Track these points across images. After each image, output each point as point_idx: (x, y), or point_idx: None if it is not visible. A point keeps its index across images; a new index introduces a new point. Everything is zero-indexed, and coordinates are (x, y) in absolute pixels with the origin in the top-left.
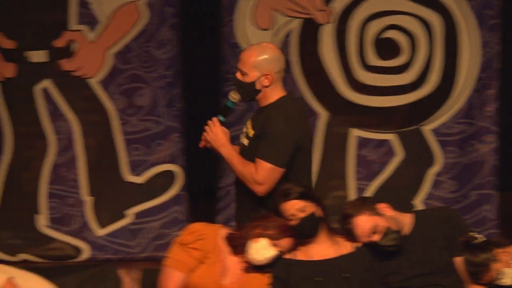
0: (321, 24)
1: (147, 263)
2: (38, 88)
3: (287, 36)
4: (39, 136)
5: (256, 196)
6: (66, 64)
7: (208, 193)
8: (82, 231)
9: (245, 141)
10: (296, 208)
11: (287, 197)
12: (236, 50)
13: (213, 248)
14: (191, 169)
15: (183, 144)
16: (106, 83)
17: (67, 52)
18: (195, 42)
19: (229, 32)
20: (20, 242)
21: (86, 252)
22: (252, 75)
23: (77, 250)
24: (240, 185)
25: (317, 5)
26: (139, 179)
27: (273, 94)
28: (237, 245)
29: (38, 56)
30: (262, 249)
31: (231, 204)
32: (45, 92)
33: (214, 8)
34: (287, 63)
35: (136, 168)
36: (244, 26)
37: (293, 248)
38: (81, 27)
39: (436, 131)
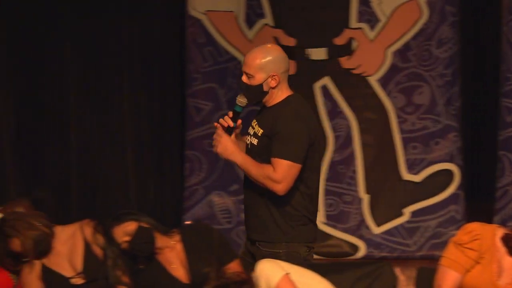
0: None
1: (422, 262)
2: (317, 86)
3: None
4: None
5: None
6: (345, 62)
7: (485, 192)
8: (359, 229)
9: (254, 141)
10: None
11: None
12: None
13: (489, 249)
14: (468, 168)
15: (461, 143)
16: (385, 81)
17: (347, 50)
18: (473, 41)
19: (509, 31)
20: None
21: (362, 249)
22: (258, 78)
23: (354, 248)
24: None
25: None
26: (416, 178)
27: (280, 94)
28: None
29: (318, 53)
30: None
31: (509, 204)
32: (324, 89)
33: (494, 7)
34: None
35: (414, 167)
36: None
37: None
38: (362, 25)
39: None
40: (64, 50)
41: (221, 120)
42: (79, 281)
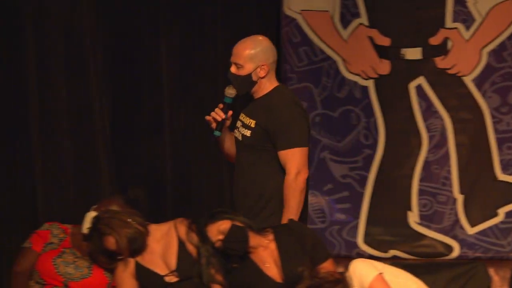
0: None
1: None
2: (412, 85)
3: None
4: (412, 133)
5: None
6: (440, 62)
7: None
8: (453, 229)
9: (247, 132)
10: None
11: None
12: None
13: None
14: None
15: None
16: (480, 81)
17: (442, 49)
18: None
19: None
20: (391, 238)
21: (456, 250)
22: (247, 67)
23: (448, 248)
24: None
25: None
26: (511, 178)
27: (268, 84)
28: None
29: (413, 53)
30: None
31: None
32: (419, 89)
33: None
34: None
35: (508, 167)
36: None
37: None
38: (457, 25)
39: None
40: (159, 50)
41: (212, 114)
42: (172, 279)
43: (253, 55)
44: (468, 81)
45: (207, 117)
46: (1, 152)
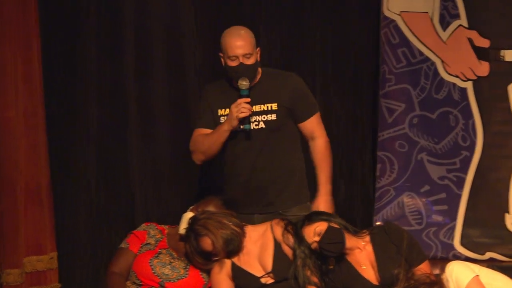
0: None
1: None
2: (511, 87)
3: None
4: (510, 135)
5: None
6: None
7: None
8: None
9: (271, 116)
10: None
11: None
12: None
13: None
14: None
15: None
16: None
17: None
18: None
19: None
20: (488, 240)
21: None
22: (254, 55)
23: None
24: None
25: None
26: None
27: (258, 67)
28: None
29: None
30: None
31: None
32: None
33: None
34: None
35: None
36: None
37: None
38: None
39: None
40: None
41: (247, 108)
42: (269, 280)
43: (254, 42)
44: None
45: (243, 114)
46: (102, 153)
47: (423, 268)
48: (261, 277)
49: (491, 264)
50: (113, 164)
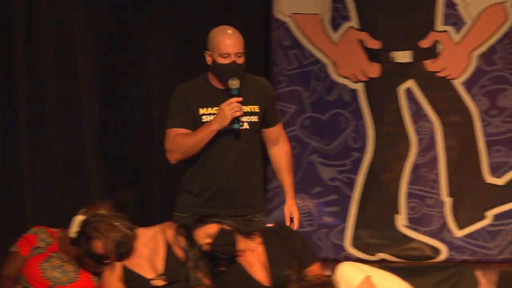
0: None
1: (504, 265)
2: (401, 88)
3: None
4: (401, 137)
5: None
6: (430, 65)
7: None
8: (440, 232)
9: (254, 118)
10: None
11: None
12: None
13: None
14: None
15: None
16: (469, 84)
17: (432, 53)
18: None
19: None
20: (379, 241)
21: (444, 253)
22: (243, 56)
23: (435, 251)
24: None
25: None
26: (499, 181)
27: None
28: None
29: (403, 56)
30: None
31: None
32: (409, 92)
33: None
34: None
35: (497, 170)
36: None
37: None
38: (447, 28)
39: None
40: (149, 50)
41: (238, 108)
42: (160, 282)
43: (243, 42)
44: (458, 84)
45: (238, 113)
46: None
47: (315, 269)
48: (152, 279)
49: (382, 264)
50: (2, 168)
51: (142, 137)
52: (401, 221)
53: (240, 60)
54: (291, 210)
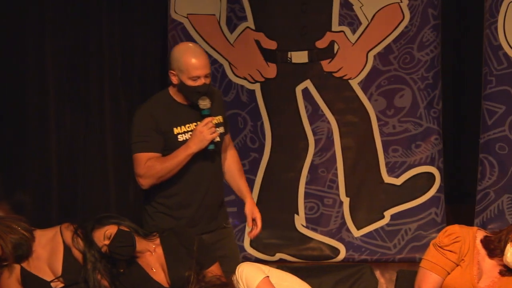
0: None
1: (403, 265)
2: (298, 89)
3: None
4: (299, 137)
5: None
6: (326, 65)
7: (465, 195)
8: (339, 232)
9: (221, 129)
10: None
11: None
12: (499, 52)
13: (469, 251)
14: (448, 171)
15: (441, 146)
16: (366, 84)
17: (328, 53)
18: (456, 44)
19: (490, 34)
20: (278, 241)
21: (342, 252)
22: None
23: (334, 251)
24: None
25: None
26: (397, 181)
27: None
28: (494, 248)
29: (299, 56)
30: None
31: (489, 206)
32: (305, 92)
33: (476, 10)
34: None
35: (395, 170)
36: (509, 29)
37: None
38: (343, 28)
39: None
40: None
41: (214, 130)
42: (58, 284)
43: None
44: (354, 84)
45: (216, 134)
46: None
47: (214, 270)
48: (51, 281)
49: (281, 265)
50: None
51: (39, 137)
52: (299, 221)
53: (208, 80)
54: (253, 211)
